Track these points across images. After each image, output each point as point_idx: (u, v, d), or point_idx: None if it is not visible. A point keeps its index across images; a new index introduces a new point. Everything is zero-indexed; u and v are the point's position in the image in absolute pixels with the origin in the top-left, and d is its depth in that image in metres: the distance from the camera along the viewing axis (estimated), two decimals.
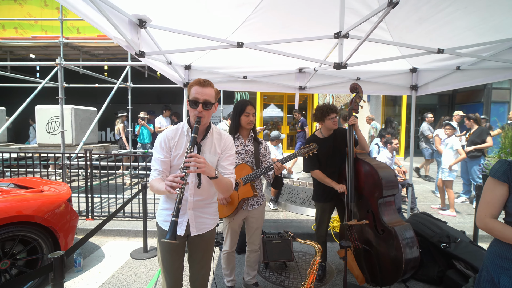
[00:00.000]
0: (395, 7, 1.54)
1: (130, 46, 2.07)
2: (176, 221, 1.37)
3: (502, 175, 1.41)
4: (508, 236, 1.34)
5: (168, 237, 1.34)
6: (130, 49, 2.13)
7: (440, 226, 3.24)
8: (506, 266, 1.38)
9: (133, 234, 4.33)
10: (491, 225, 1.42)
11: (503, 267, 1.39)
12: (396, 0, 1.49)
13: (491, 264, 1.46)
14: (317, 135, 3.00)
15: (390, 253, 2.44)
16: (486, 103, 11.84)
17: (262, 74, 3.95)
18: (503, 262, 1.40)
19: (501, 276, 1.40)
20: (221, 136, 1.85)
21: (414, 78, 3.95)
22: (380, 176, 2.54)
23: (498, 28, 2.44)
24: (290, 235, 1.98)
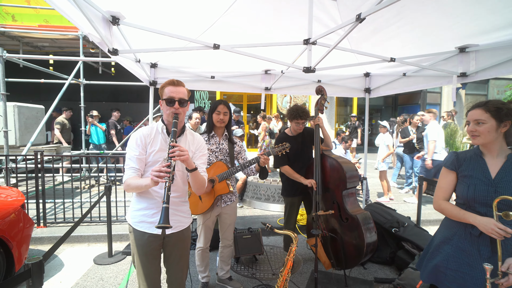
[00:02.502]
0: (362, 22, 1.77)
1: (103, 43, 2.01)
2: (167, 207, 1.40)
3: (450, 165, 1.70)
4: (454, 214, 1.63)
5: (162, 222, 1.35)
6: (103, 46, 2.06)
7: (391, 213, 3.67)
8: (450, 236, 1.68)
9: (94, 240, 4.10)
10: (443, 206, 1.70)
11: (446, 237, 1.70)
12: (363, 16, 1.71)
13: (440, 233, 1.76)
14: (287, 133, 3.19)
15: (353, 239, 2.72)
16: (422, 105, 13.40)
17: (230, 74, 4.03)
18: (448, 233, 1.70)
19: (443, 244, 1.70)
20: (194, 136, 1.94)
21: (367, 82, 4.38)
22: (344, 170, 2.81)
23: (435, 42, 2.87)
24: (268, 227, 2.12)
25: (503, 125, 1.53)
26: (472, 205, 1.59)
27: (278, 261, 3.51)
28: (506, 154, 1.57)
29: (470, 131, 1.61)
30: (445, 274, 1.63)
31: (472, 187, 1.58)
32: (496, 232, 1.41)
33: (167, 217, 1.38)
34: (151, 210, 1.77)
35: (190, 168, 1.66)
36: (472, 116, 1.60)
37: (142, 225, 1.77)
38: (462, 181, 1.65)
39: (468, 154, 1.68)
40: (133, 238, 1.81)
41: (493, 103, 1.57)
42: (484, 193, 1.54)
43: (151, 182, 1.53)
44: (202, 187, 1.83)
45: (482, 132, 1.55)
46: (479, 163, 1.61)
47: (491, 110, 1.54)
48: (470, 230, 1.58)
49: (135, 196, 1.82)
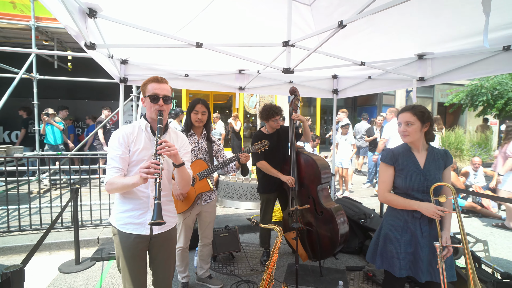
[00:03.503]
0: (343, 28, 1.91)
1: (81, 35, 1.91)
2: (159, 203, 1.39)
3: (389, 160, 1.95)
4: (401, 203, 1.88)
5: (156, 218, 1.34)
6: (80, 39, 1.95)
7: (358, 206, 3.94)
8: (397, 224, 1.92)
9: (57, 247, 3.81)
10: (389, 197, 1.95)
11: (394, 225, 1.93)
12: (345, 23, 1.85)
13: (387, 224, 1.98)
14: (263, 131, 3.28)
15: (328, 231, 2.89)
16: (379, 106, 14.42)
17: (204, 73, 4.01)
18: (395, 221, 1.93)
19: (392, 232, 1.93)
20: (177, 134, 1.95)
21: (335, 83, 4.64)
22: (319, 166, 2.97)
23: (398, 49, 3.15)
24: (254, 222, 2.17)
25: (424, 125, 1.86)
26: (411, 193, 1.86)
27: (255, 257, 3.58)
28: (426, 148, 1.92)
29: (402, 131, 1.91)
30: (399, 259, 1.85)
31: (409, 178, 1.87)
32: (436, 213, 1.71)
33: (160, 213, 1.37)
34: (138, 211, 1.73)
35: (177, 163, 1.66)
36: (403, 118, 1.89)
37: (129, 227, 1.72)
38: (400, 174, 1.92)
39: (400, 150, 1.96)
40: (118, 241, 1.75)
41: (419, 107, 1.89)
42: (418, 182, 1.84)
43: (140, 179, 1.50)
44: (189, 184, 1.83)
45: (411, 131, 1.86)
46: (410, 157, 1.91)
47: (417, 114, 1.85)
48: (413, 213, 1.86)
49: (119, 198, 1.76)
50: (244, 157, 2.57)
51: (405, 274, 1.83)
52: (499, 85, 10.06)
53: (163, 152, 1.51)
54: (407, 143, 1.93)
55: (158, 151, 1.51)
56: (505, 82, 10.03)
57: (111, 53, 2.85)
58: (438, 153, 1.90)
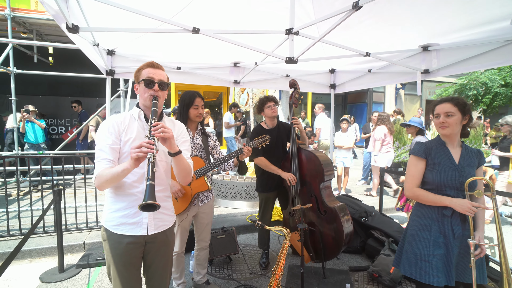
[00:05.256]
0: (358, 10, 1.75)
1: (61, 16, 1.67)
2: (153, 184, 1.22)
3: (422, 153, 1.83)
4: (431, 199, 1.75)
5: (148, 199, 1.17)
6: (60, 20, 1.71)
7: (359, 204, 3.83)
8: (426, 223, 1.78)
9: (38, 254, 3.52)
10: (418, 192, 1.81)
11: (422, 224, 1.79)
12: (361, 4, 1.69)
13: (414, 223, 1.85)
14: (262, 126, 3.10)
15: (332, 230, 2.75)
16: (369, 103, 14.48)
17: (197, 66, 3.79)
18: (423, 220, 1.80)
19: (420, 232, 1.79)
20: (174, 122, 1.78)
21: (332, 78, 4.49)
22: (321, 162, 2.81)
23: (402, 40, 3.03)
24: (258, 224, 1.99)
25: (464, 118, 1.74)
26: (443, 189, 1.74)
27: (253, 260, 3.41)
28: (460, 144, 1.82)
29: (440, 122, 1.76)
30: (428, 262, 1.71)
31: (443, 173, 1.74)
32: (471, 210, 1.59)
33: (153, 194, 1.20)
34: (132, 209, 1.53)
35: (174, 151, 1.47)
36: (443, 109, 1.76)
37: (123, 227, 1.52)
38: (432, 168, 1.78)
39: (433, 144, 1.84)
40: (108, 247, 1.55)
41: (459, 98, 1.76)
42: (452, 177, 1.72)
43: (131, 162, 1.32)
44: (189, 175, 1.65)
45: (451, 123, 1.73)
46: (445, 152, 1.79)
47: (459, 104, 1.73)
48: (443, 211, 1.72)
49: (110, 196, 1.56)
50: (247, 151, 2.39)
51: (437, 282, 1.67)
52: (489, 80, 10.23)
53: (157, 134, 1.34)
54: (442, 137, 1.82)
55: (153, 131, 1.35)
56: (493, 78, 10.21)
57: (96, 40, 2.59)
58: (472, 151, 1.82)
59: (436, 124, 1.80)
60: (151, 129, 1.35)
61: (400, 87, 14.79)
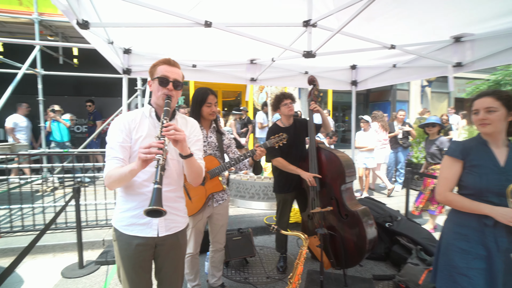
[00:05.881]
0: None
1: (71, 12, 1.64)
2: (160, 188, 1.16)
3: (459, 154, 1.61)
4: (466, 206, 1.55)
5: (154, 204, 1.11)
6: (70, 15, 1.68)
7: (383, 208, 3.61)
8: (463, 232, 1.58)
9: (60, 249, 3.61)
10: (450, 197, 1.61)
11: (460, 233, 1.59)
12: None
13: (450, 232, 1.65)
14: (278, 124, 2.98)
15: (354, 236, 2.58)
16: (392, 102, 13.89)
17: (213, 63, 3.73)
18: (461, 229, 1.59)
19: (457, 242, 1.59)
20: (187, 120, 1.70)
21: (354, 74, 4.29)
22: (342, 163, 2.65)
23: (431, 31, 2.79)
24: (274, 228, 1.88)
25: (510, 114, 1.53)
26: (485, 195, 1.52)
27: (271, 263, 3.30)
28: (506, 144, 1.58)
29: (480, 119, 1.55)
30: (467, 276, 1.51)
31: (484, 177, 1.52)
32: None
33: (159, 199, 1.14)
34: (142, 209, 1.46)
35: (185, 153, 1.41)
36: (483, 104, 1.55)
37: (132, 228, 1.47)
38: (471, 171, 1.57)
39: (473, 143, 1.62)
40: (117, 248, 1.50)
41: (504, 91, 1.54)
42: (496, 182, 1.50)
43: (139, 162, 1.26)
44: (200, 176, 1.58)
45: (493, 120, 1.52)
46: (487, 152, 1.57)
47: (503, 98, 1.51)
48: (484, 220, 1.50)
49: (121, 196, 1.52)
50: (259, 152, 2.28)
51: None
52: None
53: (168, 136, 1.28)
54: (483, 135, 1.60)
55: (164, 131, 1.28)
56: None
57: (111, 38, 2.58)
58: None
59: (475, 121, 1.58)
60: (162, 130, 1.29)
61: (426, 84, 14.06)
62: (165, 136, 1.27)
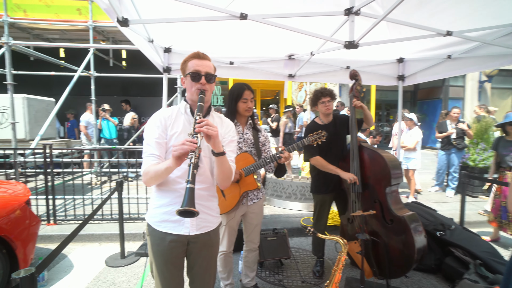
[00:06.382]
0: None
1: (112, 9, 1.69)
2: (192, 188, 1.12)
3: None
4: None
5: (186, 205, 1.08)
6: (111, 13, 1.75)
7: (433, 214, 3.26)
8: None
9: (106, 239, 3.84)
10: None
11: None
12: None
13: None
14: (317, 121, 2.83)
15: (400, 243, 2.34)
16: (444, 99, 12.70)
17: (250, 60, 3.69)
18: None
19: None
20: (222, 119, 1.65)
21: (401, 68, 3.95)
22: (388, 163, 2.42)
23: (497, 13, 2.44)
24: (310, 231, 1.76)
25: None
26: None
27: (306, 266, 3.16)
28: None
29: None
30: None
31: None
32: None
33: (192, 199, 1.10)
34: (175, 206, 1.44)
35: (217, 150, 1.35)
36: None
37: (165, 225, 1.46)
38: None
39: None
40: (151, 244, 1.51)
41: None
42: None
43: (173, 160, 1.24)
44: (229, 178, 1.51)
45: None
46: None
47: None
48: None
49: (155, 191, 1.51)
50: (286, 156, 2.17)
51: None
52: None
53: (202, 130, 1.24)
54: None
55: (197, 127, 1.25)
56: None
57: (151, 37, 2.66)
58: None
59: None
60: (195, 126, 1.26)
61: (485, 79, 12.60)
62: (198, 131, 1.24)
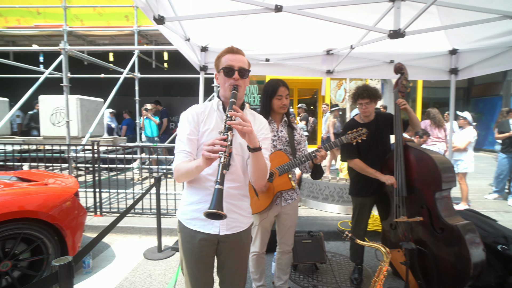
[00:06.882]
0: None
1: (148, 7, 1.73)
2: (221, 189, 1.07)
3: None
4: None
5: (213, 207, 1.03)
6: (148, 11, 1.79)
7: (493, 225, 2.87)
8: None
9: (145, 232, 4.02)
10: None
11: None
12: None
13: None
14: (357, 119, 2.65)
15: (452, 256, 2.08)
16: (505, 96, 11.35)
17: (286, 56, 3.59)
18: None
19: None
20: (255, 116, 1.59)
21: (453, 60, 3.56)
22: (438, 166, 2.17)
23: None
24: (348, 236, 1.63)
25: None
26: None
27: (343, 272, 2.98)
28: None
29: None
30: None
31: None
32: None
33: (220, 202, 1.05)
34: (205, 204, 1.42)
35: (253, 146, 1.28)
36: None
37: (195, 222, 1.44)
38: None
39: None
40: (181, 240, 1.50)
41: None
42: None
43: (203, 160, 1.20)
44: (264, 176, 1.44)
45: None
46: None
47: None
48: None
49: (186, 188, 1.51)
50: (322, 154, 2.04)
51: None
52: None
53: (235, 126, 1.18)
54: None
55: (229, 123, 1.20)
56: None
57: (187, 35, 2.69)
58: None
59: None
60: (226, 122, 1.21)
61: None
62: (230, 127, 1.18)
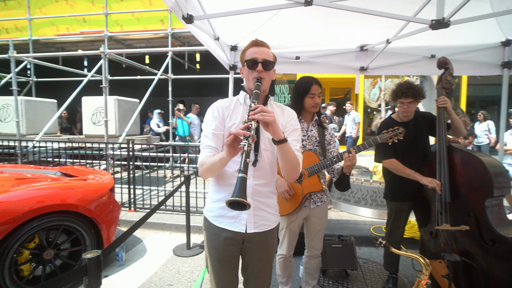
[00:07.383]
0: None
1: (177, 7, 1.74)
2: (245, 177, 1.04)
3: None
4: None
5: (236, 195, 1.00)
6: (177, 11, 1.81)
7: None
8: None
9: (175, 229, 4.11)
10: None
11: None
12: None
13: None
14: (394, 118, 2.47)
15: (505, 272, 1.85)
16: None
17: (317, 54, 3.47)
18: None
19: None
20: (283, 108, 1.55)
21: (507, 53, 3.21)
22: (489, 169, 1.95)
23: None
24: (381, 243, 1.51)
25: None
26: None
27: (376, 281, 2.80)
28: None
29: None
30: None
31: None
32: None
33: (244, 189, 1.01)
34: None
35: (278, 138, 1.24)
36: None
37: (221, 220, 1.42)
38: None
39: None
40: (206, 239, 1.48)
41: None
42: None
43: (226, 150, 1.18)
44: (295, 169, 1.37)
45: None
46: None
47: None
48: None
49: (212, 185, 1.49)
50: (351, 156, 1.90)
51: None
52: None
53: (255, 117, 1.15)
54: None
55: (250, 116, 1.17)
56: None
57: (217, 34, 2.70)
58: None
59: None
60: (249, 113, 1.18)
61: None
62: (252, 119, 1.15)
